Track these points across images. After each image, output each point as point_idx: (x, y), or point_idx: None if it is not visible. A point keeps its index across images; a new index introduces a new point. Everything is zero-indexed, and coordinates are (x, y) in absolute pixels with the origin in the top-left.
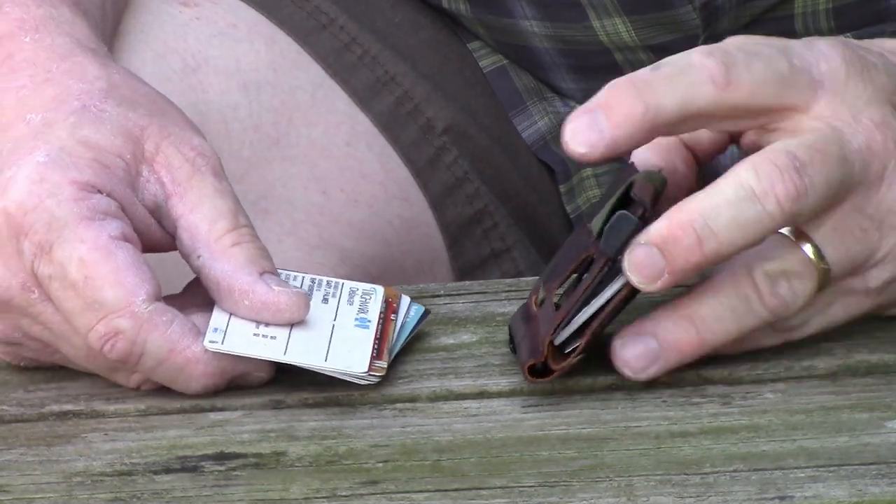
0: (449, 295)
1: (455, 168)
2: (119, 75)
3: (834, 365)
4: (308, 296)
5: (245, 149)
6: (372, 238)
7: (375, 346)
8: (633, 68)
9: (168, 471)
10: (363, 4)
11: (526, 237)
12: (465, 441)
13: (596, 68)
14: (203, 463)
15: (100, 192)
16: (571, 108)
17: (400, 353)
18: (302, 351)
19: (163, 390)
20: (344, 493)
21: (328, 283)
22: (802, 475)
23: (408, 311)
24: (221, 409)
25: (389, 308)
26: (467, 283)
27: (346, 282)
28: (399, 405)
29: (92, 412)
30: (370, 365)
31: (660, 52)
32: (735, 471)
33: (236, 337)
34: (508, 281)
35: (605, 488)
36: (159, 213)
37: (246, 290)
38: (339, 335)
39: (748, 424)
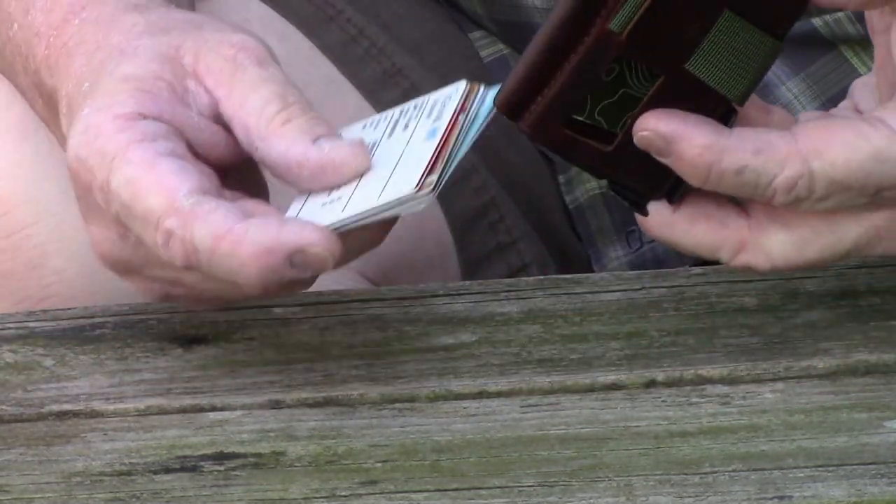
0: (448, 295)
1: (463, 159)
2: (157, 14)
3: (833, 365)
4: (363, 144)
5: None
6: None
7: (432, 160)
8: None
9: (167, 471)
10: None
11: (532, 230)
12: (465, 441)
13: None
14: (202, 463)
15: (146, 117)
16: None
17: (399, 353)
18: (361, 198)
19: (161, 390)
20: (343, 493)
21: (415, 105)
22: (801, 475)
23: (482, 102)
24: (221, 409)
25: (462, 107)
26: (467, 283)
27: (433, 94)
28: (398, 405)
29: (91, 412)
30: (420, 182)
31: None
32: (734, 471)
33: (306, 216)
34: (508, 281)
35: (605, 488)
36: (221, 121)
37: (301, 161)
38: (405, 159)
39: (747, 424)
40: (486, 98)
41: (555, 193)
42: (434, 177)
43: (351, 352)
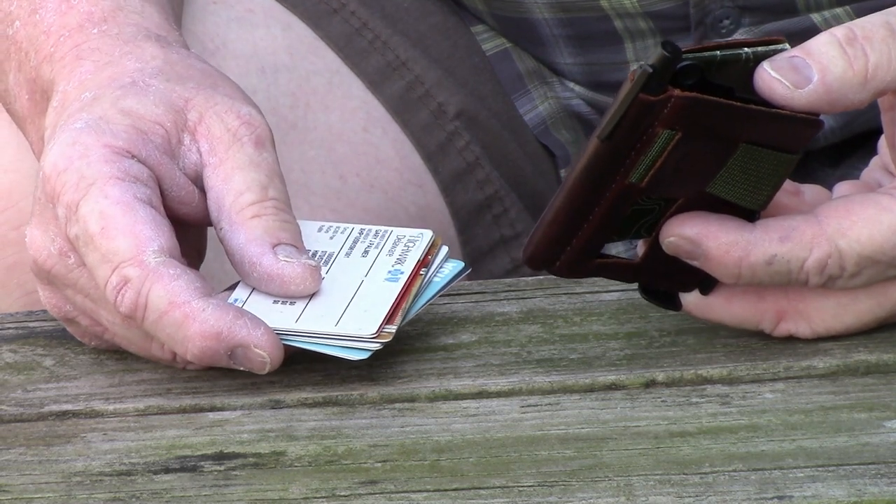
0: (448, 295)
1: (466, 153)
2: (178, 55)
3: (833, 365)
4: (318, 268)
5: None
6: (387, 224)
7: (393, 308)
8: (633, 37)
9: (167, 471)
10: None
11: (535, 223)
12: (464, 441)
13: (595, 37)
14: (202, 463)
15: (133, 157)
16: (572, 92)
17: (399, 354)
18: (316, 316)
19: (161, 390)
20: (343, 493)
21: (376, 232)
22: (801, 475)
23: (440, 267)
24: (221, 409)
25: (424, 260)
26: (466, 283)
27: (395, 230)
28: (398, 405)
29: (91, 412)
30: (379, 330)
31: (658, 18)
32: (734, 470)
33: (253, 308)
34: (508, 281)
35: (604, 488)
36: (200, 183)
37: (254, 262)
38: (363, 293)
39: (747, 424)
40: (447, 263)
41: (556, 188)
42: (393, 328)
43: None
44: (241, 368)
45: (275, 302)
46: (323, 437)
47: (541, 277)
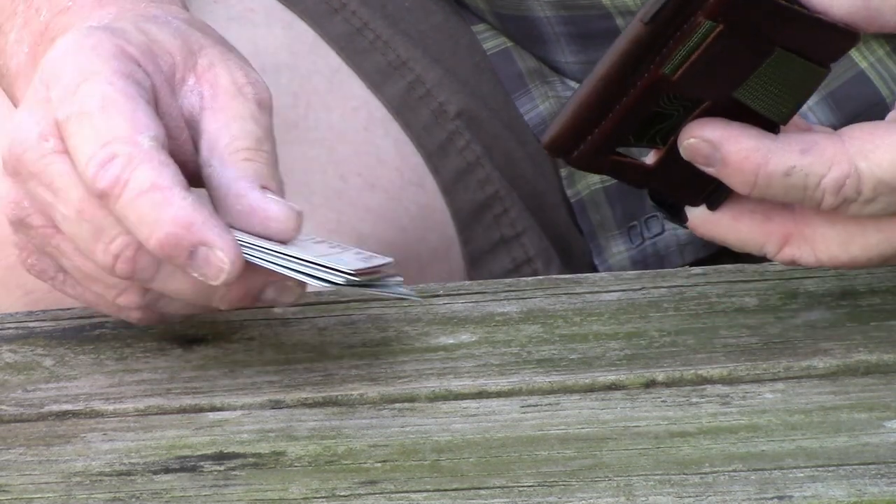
0: (448, 295)
1: (467, 153)
2: (199, 18)
3: (833, 365)
4: (300, 215)
5: None
6: (388, 224)
7: (368, 268)
8: None
9: (167, 471)
10: None
11: (536, 223)
12: (464, 441)
13: (596, 35)
14: (202, 463)
15: (140, 67)
16: (573, 91)
17: (399, 354)
18: (299, 249)
19: (161, 390)
20: (343, 493)
21: (340, 244)
22: (801, 475)
23: (394, 286)
24: (221, 409)
25: (385, 266)
26: (466, 283)
27: (357, 248)
28: (398, 405)
29: (91, 412)
30: (358, 271)
31: None
32: (734, 471)
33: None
34: (508, 281)
35: (604, 488)
36: (193, 127)
37: (241, 194)
38: (340, 255)
39: (747, 424)
40: (398, 288)
41: (557, 188)
42: (362, 277)
43: (351, 352)
44: (195, 274)
45: (258, 237)
46: (323, 437)
47: (541, 278)
